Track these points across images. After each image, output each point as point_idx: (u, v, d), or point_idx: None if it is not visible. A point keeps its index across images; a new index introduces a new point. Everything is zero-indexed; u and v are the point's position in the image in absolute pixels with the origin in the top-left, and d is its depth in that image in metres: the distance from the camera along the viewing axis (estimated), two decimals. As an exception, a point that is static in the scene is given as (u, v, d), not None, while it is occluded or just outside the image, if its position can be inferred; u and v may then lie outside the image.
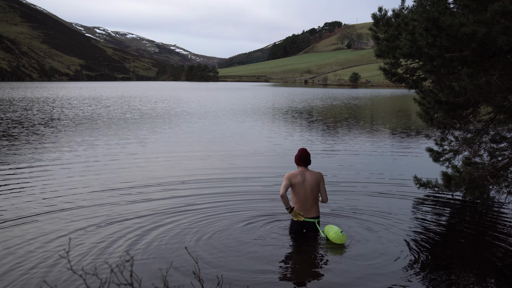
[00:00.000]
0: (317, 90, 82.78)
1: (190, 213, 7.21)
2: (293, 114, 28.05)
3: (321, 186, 6.26)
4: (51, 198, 8.03)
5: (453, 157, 7.92)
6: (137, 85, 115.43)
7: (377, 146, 14.90)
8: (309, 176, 6.20)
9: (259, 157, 12.64)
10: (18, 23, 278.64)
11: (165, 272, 4.73)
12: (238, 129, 19.74)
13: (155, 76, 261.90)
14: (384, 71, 7.80)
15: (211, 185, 9.17)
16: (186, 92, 66.06)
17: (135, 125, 20.53)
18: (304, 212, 6.18)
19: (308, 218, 6.20)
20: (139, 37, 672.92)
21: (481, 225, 6.98)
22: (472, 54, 5.25)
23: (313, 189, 6.17)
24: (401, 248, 5.89)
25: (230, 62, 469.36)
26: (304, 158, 6.30)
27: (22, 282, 4.80)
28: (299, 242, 6.10)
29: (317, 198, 6.25)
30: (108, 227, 6.51)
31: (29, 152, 12.82)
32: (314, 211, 6.22)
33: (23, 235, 6.16)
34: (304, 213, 6.18)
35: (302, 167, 6.31)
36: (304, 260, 5.58)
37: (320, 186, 6.25)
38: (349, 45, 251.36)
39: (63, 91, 65.54)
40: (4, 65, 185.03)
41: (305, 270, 5.29)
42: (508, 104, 5.61)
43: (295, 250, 5.88)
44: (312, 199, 6.18)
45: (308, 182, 6.17)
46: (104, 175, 9.95)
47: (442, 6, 5.45)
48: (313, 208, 6.20)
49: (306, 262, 5.52)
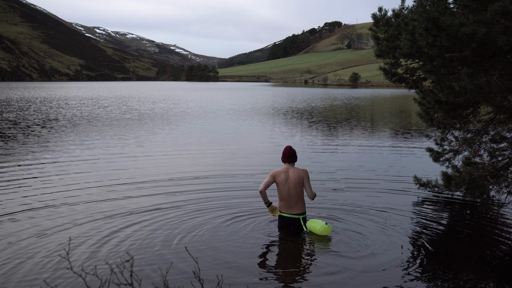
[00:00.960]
0: (317, 90, 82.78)
1: (191, 213, 7.21)
2: (293, 115, 28.04)
3: (305, 183, 6.40)
4: (51, 198, 8.02)
5: (453, 157, 7.92)
6: (136, 85, 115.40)
7: (377, 146, 14.90)
8: (292, 173, 6.34)
9: (261, 155, 12.64)
10: (18, 23, 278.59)
11: (165, 272, 4.73)
12: (239, 129, 19.74)
13: (155, 76, 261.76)
14: (384, 71, 7.80)
15: (211, 184, 9.17)
16: (186, 92, 66.05)
17: (133, 126, 20.53)
18: (288, 209, 6.34)
19: (292, 215, 6.34)
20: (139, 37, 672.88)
21: (481, 225, 6.98)
22: (472, 54, 5.25)
23: (296, 187, 6.31)
24: (400, 248, 5.89)
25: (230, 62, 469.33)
26: (288, 155, 6.47)
27: (22, 282, 4.80)
28: (292, 239, 6.11)
29: (301, 195, 6.39)
30: (108, 227, 6.50)
31: (23, 153, 12.82)
32: (299, 207, 6.36)
33: (23, 235, 6.16)
34: (289, 210, 6.35)
35: (287, 164, 6.48)
36: (303, 259, 5.58)
37: (304, 183, 6.39)
38: (349, 45, 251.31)
39: (61, 91, 65.53)
40: (4, 65, 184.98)
41: (305, 269, 5.28)
42: (508, 104, 5.61)
43: (288, 248, 5.88)
44: (295, 196, 6.32)
45: (291, 179, 6.32)
46: (104, 175, 9.94)
47: (442, 6, 5.45)
48: (298, 205, 6.35)
49: (305, 261, 5.52)
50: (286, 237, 6.26)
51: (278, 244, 6.06)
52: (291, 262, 5.52)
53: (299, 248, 5.95)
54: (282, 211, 6.42)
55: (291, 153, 6.50)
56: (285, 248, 5.95)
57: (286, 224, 6.40)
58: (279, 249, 5.94)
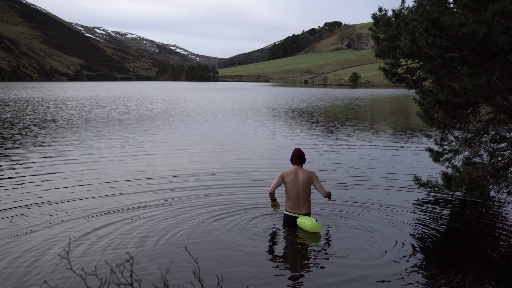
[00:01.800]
0: (317, 90, 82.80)
1: (191, 213, 7.21)
2: (293, 115, 28.04)
3: (315, 184, 6.61)
4: (51, 198, 8.03)
5: (453, 157, 7.92)
6: (136, 86, 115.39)
7: (377, 146, 14.90)
8: (301, 175, 6.56)
9: (263, 153, 12.65)
10: (18, 23, 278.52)
11: (165, 272, 4.73)
12: (239, 129, 19.74)
13: (155, 76, 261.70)
14: (384, 71, 7.80)
15: (214, 181, 9.16)
16: (185, 93, 66.05)
17: (131, 126, 20.53)
18: (295, 208, 6.54)
19: (299, 214, 6.53)
20: (139, 37, 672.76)
21: (481, 225, 6.98)
22: (472, 54, 5.25)
23: (305, 187, 6.51)
24: (400, 248, 5.89)
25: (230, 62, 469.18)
26: (297, 157, 6.71)
27: (22, 282, 4.80)
28: (295, 236, 6.12)
29: (309, 195, 6.58)
30: (108, 227, 6.50)
31: (19, 152, 12.82)
32: (306, 207, 6.57)
33: (22, 235, 6.16)
34: (295, 209, 6.54)
35: (296, 165, 6.70)
36: (301, 258, 5.58)
37: (315, 184, 6.61)
38: (349, 45, 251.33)
39: (59, 91, 65.53)
40: (4, 65, 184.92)
41: (303, 268, 5.28)
42: (508, 104, 5.61)
43: (290, 247, 5.88)
44: (303, 196, 6.52)
45: (300, 180, 6.52)
46: (104, 175, 9.94)
47: (442, 6, 5.45)
48: (305, 205, 6.55)
49: (304, 260, 5.52)
50: (289, 235, 6.29)
51: (281, 242, 6.07)
52: (293, 261, 5.52)
53: (301, 246, 5.95)
54: (288, 210, 6.60)
55: (299, 155, 6.73)
56: (287, 247, 5.96)
57: (291, 222, 6.57)
58: (282, 247, 5.94)
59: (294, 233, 6.41)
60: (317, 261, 5.49)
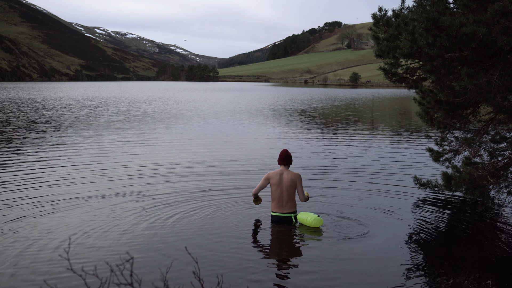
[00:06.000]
0: (317, 90, 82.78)
1: (190, 213, 7.21)
2: (295, 115, 28.04)
3: (297, 186, 6.81)
4: (50, 198, 8.03)
5: (453, 157, 7.92)
6: (136, 86, 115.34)
7: (377, 146, 14.90)
8: (286, 176, 6.76)
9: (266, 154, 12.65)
10: (18, 23, 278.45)
11: (165, 272, 4.73)
12: (239, 129, 19.74)
13: (155, 76, 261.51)
14: (384, 71, 7.80)
15: (209, 185, 9.17)
16: (185, 93, 66.04)
17: (130, 126, 20.54)
18: (279, 208, 6.74)
19: (284, 213, 6.74)
20: (139, 37, 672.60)
21: (481, 225, 6.98)
22: (472, 54, 5.25)
23: (288, 189, 6.72)
24: (400, 248, 5.89)
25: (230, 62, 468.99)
26: (284, 158, 6.91)
27: (22, 282, 4.80)
28: (296, 237, 6.12)
29: (293, 196, 6.78)
30: (108, 227, 6.50)
31: (18, 154, 12.83)
32: (289, 207, 6.75)
33: (22, 235, 6.16)
34: (280, 209, 6.75)
35: (282, 166, 6.88)
36: (301, 258, 5.59)
37: (297, 186, 6.80)
38: (349, 45, 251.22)
39: (58, 92, 65.50)
40: (4, 65, 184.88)
41: (303, 268, 5.28)
42: (508, 104, 5.61)
43: (292, 247, 5.88)
44: (287, 197, 6.72)
45: (284, 182, 6.72)
46: (102, 174, 9.95)
47: (442, 6, 5.45)
48: (288, 204, 6.73)
49: (304, 260, 5.52)
50: (289, 236, 6.33)
51: (281, 243, 6.10)
52: (294, 262, 5.52)
53: (301, 246, 5.95)
54: (273, 210, 6.81)
55: (287, 156, 6.93)
56: (287, 247, 5.97)
57: (276, 221, 6.77)
58: (282, 248, 5.95)
59: (294, 233, 6.42)
60: (317, 261, 5.49)
